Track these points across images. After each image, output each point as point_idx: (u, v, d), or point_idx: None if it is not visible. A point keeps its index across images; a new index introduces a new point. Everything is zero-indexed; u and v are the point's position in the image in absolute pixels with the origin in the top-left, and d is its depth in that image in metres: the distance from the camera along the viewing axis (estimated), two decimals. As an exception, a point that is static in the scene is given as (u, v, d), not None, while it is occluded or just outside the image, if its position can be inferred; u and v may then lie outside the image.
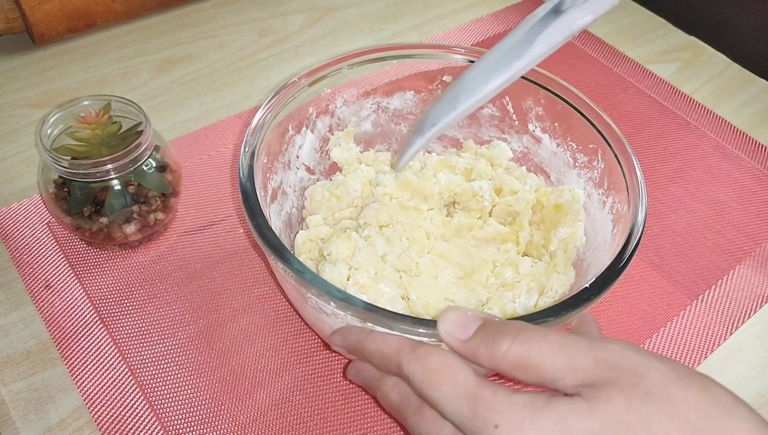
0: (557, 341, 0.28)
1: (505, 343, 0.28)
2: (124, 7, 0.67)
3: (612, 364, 0.27)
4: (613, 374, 0.26)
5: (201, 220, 0.52)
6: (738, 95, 0.67)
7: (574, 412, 0.26)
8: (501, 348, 0.28)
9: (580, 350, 0.27)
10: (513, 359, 0.28)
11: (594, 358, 0.27)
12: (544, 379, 0.27)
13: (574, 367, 0.27)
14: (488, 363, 0.28)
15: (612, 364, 0.27)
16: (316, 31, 0.71)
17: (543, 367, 0.27)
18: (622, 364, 0.27)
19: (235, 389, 0.42)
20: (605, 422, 0.25)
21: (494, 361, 0.28)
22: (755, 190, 0.58)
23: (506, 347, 0.28)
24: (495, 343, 0.28)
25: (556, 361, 0.27)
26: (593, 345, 0.27)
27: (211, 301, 0.47)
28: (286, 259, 0.34)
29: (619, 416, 0.25)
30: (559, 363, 0.27)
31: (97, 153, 0.44)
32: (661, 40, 0.73)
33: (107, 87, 0.62)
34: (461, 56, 0.47)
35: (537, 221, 0.47)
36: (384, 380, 0.33)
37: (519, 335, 0.28)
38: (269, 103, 0.42)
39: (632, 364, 0.27)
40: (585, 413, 0.26)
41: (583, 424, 0.25)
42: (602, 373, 0.26)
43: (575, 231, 0.44)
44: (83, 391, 0.41)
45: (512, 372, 0.28)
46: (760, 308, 0.49)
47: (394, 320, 0.32)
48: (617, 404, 0.25)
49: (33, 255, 0.48)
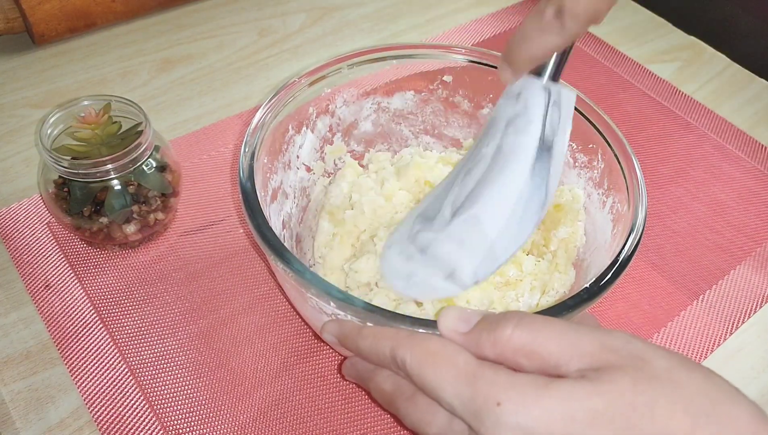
0: (561, 327, 0.28)
1: (508, 329, 0.28)
2: (123, 7, 0.67)
3: (617, 348, 0.27)
4: (618, 359, 0.26)
5: (201, 220, 0.52)
6: (738, 95, 0.67)
7: (578, 391, 0.25)
8: (505, 333, 0.28)
9: (585, 336, 0.27)
10: (517, 345, 0.27)
11: (599, 343, 0.27)
12: (549, 364, 0.27)
13: (579, 352, 0.27)
14: (492, 350, 0.28)
15: (617, 349, 0.27)
16: (316, 31, 0.71)
17: (548, 352, 0.27)
18: (627, 350, 0.27)
19: (235, 389, 0.42)
20: (610, 402, 0.25)
21: (498, 347, 0.28)
22: (755, 190, 0.58)
23: (509, 332, 0.28)
24: (498, 328, 0.28)
25: (561, 345, 0.27)
26: (597, 331, 0.28)
27: (211, 301, 0.47)
28: (286, 259, 0.34)
29: (624, 397, 0.25)
30: (564, 348, 0.27)
31: (97, 153, 0.44)
32: (661, 40, 0.73)
33: (107, 87, 0.62)
34: (461, 56, 0.47)
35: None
36: (378, 371, 0.33)
37: (522, 321, 0.28)
38: (269, 103, 0.42)
39: (637, 350, 0.27)
40: (590, 392, 0.25)
41: (588, 403, 0.25)
42: (607, 358, 0.26)
43: (575, 231, 0.44)
44: (83, 391, 0.41)
45: (516, 358, 0.28)
46: (760, 308, 0.49)
47: (394, 320, 0.32)
48: (622, 385, 0.25)
49: (33, 255, 0.48)
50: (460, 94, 0.50)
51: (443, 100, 0.50)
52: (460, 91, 0.50)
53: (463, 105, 0.50)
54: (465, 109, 0.50)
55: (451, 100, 0.50)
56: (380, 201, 0.46)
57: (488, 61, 0.47)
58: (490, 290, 0.43)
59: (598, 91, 0.66)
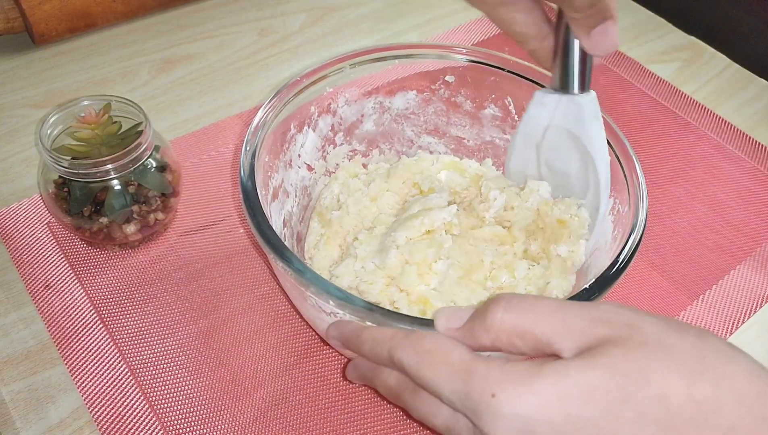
0: (550, 306, 0.28)
1: (498, 312, 0.28)
2: (124, 7, 0.67)
3: (606, 320, 0.27)
4: (608, 330, 0.26)
5: (201, 220, 0.52)
6: (738, 95, 0.67)
7: (571, 369, 0.26)
8: (495, 317, 0.28)
9: (575, 311, 0.27)
10: (509, 326, 0.28)
11: (588, 317, 0.27)
12: (541, 342, 0.27)
13: (570, 328, 0.27)
14: (486, 336, 0.28)
15: (606, 320, 0.27)
16: (316, 31, 0.71)
17: (540, 331, 0.27)
18: (617, 319, 0.27)
19: (235, 389, 0.42)
20: (603, 374, 0.25)
21: (492, 333, 0.28)
22: (755, 190, 0.58)
23: (500, 316, 0.28)
24: (489, 314, 0.28)
25: (552, 323, 0.27)
26: (587, 305, 0.28)
27: (211, 301, 0.46)
28: (286, 258, 0.34)
29: (617, 367, 0.25)
30: (556, 325, 0.27)
31: (97, 153, 0.44)
32: (661, 40, 0.73)
33: (107, 87, 0.62)
34: (463, 56, 0.47)
35: (534, 230, 0.46)
36: (381, 369, 0.33)
37: (510, 302, 0.28)
38: (271, 102, 0.42)
39: (627, 319, 0.27)
40: (582, 367, 0.26)
41: (581, 380, 0.25)
42: (598, 331, 0.27)
43: (576, 250, 0.43)
44: (83, 391, 0.41)
45: (510, 340, 0.28)
46: (760, 308, 0.49)
47: (393, 320, 0.32)
48: (614, 356, 0.25)
49: (33, 255, 0.48)
50: (462, 95, 0.50)
51: (445, 100, 0.50)
52: (462, 91, 0.50)
53: (465, 105, 0.50)
54: (467, 110, 0.50)
55: (454, 100, 0.50)
56: (365, 202, 0.46)
57: (490, 62, 0.47)
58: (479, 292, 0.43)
59: (598, 91, 0.65)
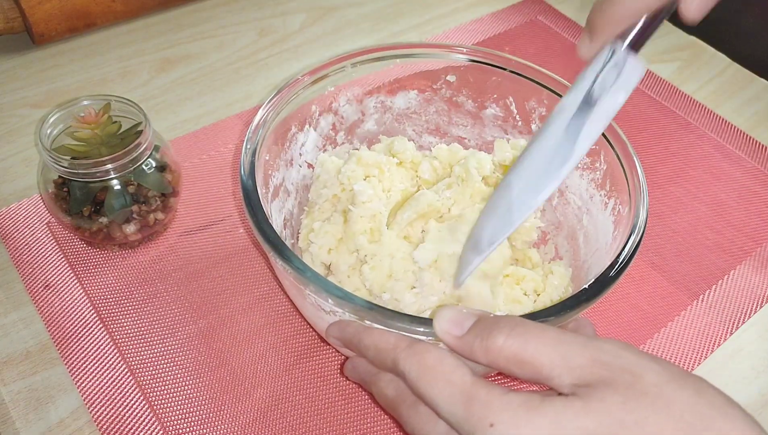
0: (553, 337, 0.28)
1: (500, 338, 0.28)
2: (123, 7, 0.67)
3: (607, 363, 0.27)
4: (608, 373, 0.26)
5: (201, 220, 0.51)
6: (738, 95, 0.67)
7: (569, 411, 0.26)
8: (497, 342, 0.28)
9: (577, 348, 0.27)
10: (509, 354, 0.28)
11: (590, 357, 0.27)
12: (540, 375, 0.27)
13: (570, 365, 0.27)
14: (484, 357, 0.28)
15: (607, 363, 0.27)
16: (316, 30, 0.71)
17: (540, 363, 0.27)
18: (618, 364, 0.27)
19: (235, 389, 0.42)
20: (601, 420, 0.25)
21: (490, 356, 0.28)
22: (755, 190, 0.58)
23: (502, 341, 0.28)
24: (490, 337, 0.28)
25: (552, 357, 0.27)
26: (589, 343, 0.27)
27: (211, 301, 0.46)
28: (285, 257, 0.34)
29: (614, 415, 0.25)
30: (556, 360, 0.27)
31: (96, 153, 0.44)
32: (661, 40, 0.73)
33: (107, 87, 0.62)
34: (464, 56, 0.47)
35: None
36: (380, 376, 0.33)
37: (514, 329, 0.28)
38: (272, 101, 0.42)
39: (628, 364, 0.27)
40: (580, 411, 0.25)
41: (579, 422, 0.25)
42: (598, 372, 0.26)
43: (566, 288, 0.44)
44: (83, 391, 0.41)
45: (508, 366, 0.28)
46: (760, 308, 0.49)
47: (392, 318, 0.32)
48: (612, 403, 0.25)
49: (33, 255, 0.48)
50: (463, 94, 0.50)
51: (447, 100, 0.50)
52: (464, 90, 0.49)
53: (466, 105, 0.50)
54: (468, 109, 0.50)
55: (455, 99, 0.50)
56: (337, 190, 0.45)
57: (492, 61, 0.47)
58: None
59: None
